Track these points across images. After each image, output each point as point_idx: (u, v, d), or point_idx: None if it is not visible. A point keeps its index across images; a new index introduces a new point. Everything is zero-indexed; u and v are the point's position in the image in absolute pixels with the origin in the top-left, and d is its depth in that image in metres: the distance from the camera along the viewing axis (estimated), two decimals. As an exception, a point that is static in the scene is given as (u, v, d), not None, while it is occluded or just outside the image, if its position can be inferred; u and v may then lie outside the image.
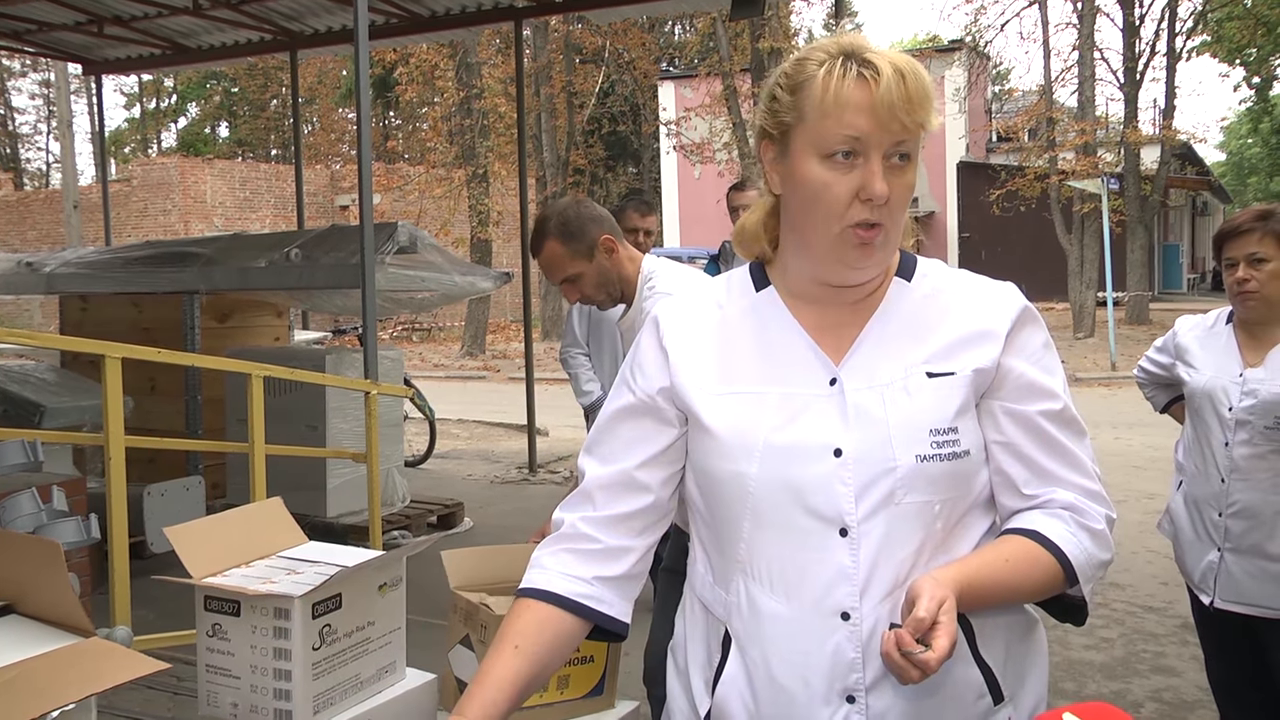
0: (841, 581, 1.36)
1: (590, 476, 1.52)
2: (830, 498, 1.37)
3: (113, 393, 3.65)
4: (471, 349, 20.78)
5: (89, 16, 9.22)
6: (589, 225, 2.88)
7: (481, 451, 10.56)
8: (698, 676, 1.51)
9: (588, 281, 2.92)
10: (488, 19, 9.48)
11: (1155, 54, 22.74)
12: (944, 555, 1.38)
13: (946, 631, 1.22)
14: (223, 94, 44.00)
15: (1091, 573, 1.39)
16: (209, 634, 1.63)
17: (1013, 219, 23.93)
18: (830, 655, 1.37)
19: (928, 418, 1.37)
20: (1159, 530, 3.20)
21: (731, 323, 1.50)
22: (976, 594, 1.32)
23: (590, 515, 1.49)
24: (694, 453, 1.48)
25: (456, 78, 20.66)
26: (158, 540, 4.36)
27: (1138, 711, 4.12)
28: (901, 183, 1.35)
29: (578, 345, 5.25)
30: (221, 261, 6.55)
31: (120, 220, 23.26)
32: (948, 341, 1.41)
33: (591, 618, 1.47)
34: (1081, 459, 1.43)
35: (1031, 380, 1.41)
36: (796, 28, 23.47)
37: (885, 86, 1.31)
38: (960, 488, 1.39)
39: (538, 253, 2.93)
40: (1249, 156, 53.72)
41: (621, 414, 1.52)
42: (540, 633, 1.43)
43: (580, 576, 1.47)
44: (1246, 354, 2.88)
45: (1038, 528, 1.39)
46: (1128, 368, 15.68)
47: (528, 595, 1.47)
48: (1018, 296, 1.45)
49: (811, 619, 1.38)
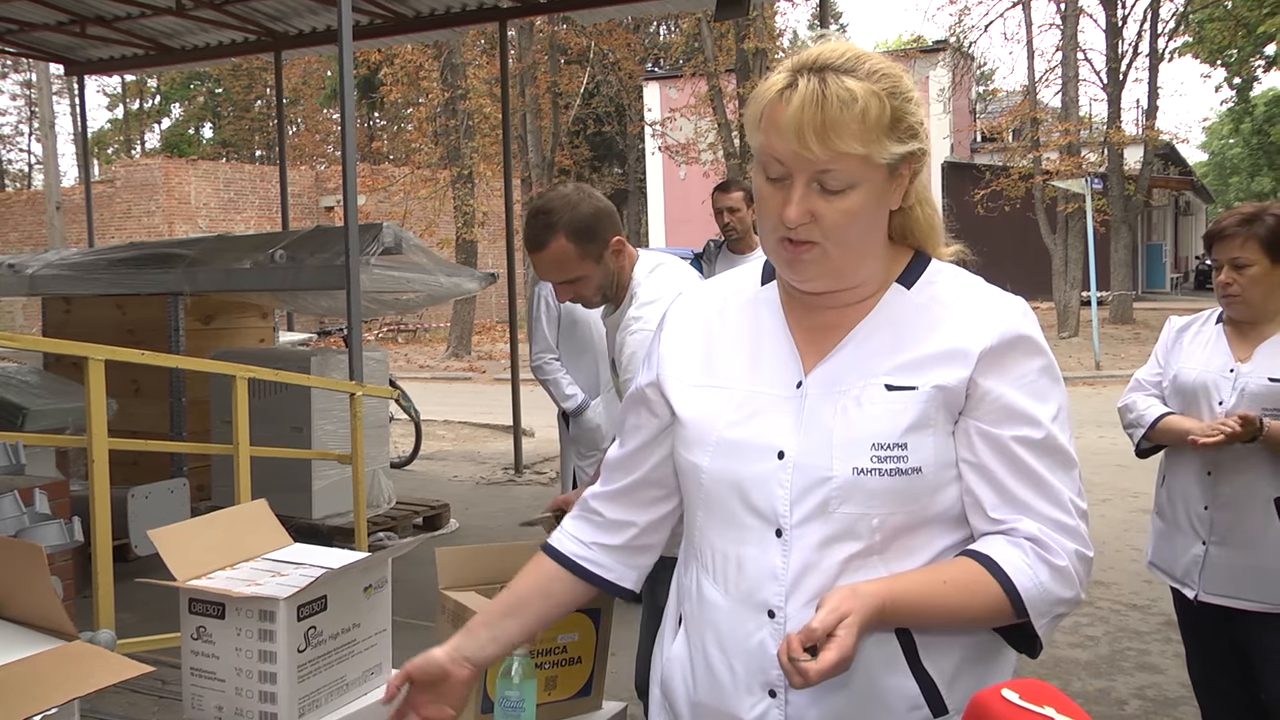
0: (770, 580, 1.39)
1: (607, 457, 1.65)
2: (768, 498, 1.39)
3: (96, 395, 3.63)
4: (457, 350, 20.74)
5: (71, 16, 9.17)
6: (604, 224, 2.62)
7: (467, 453, 10.54)
8: (666, 649, 1.59)
9: (590, 284, 2.67)
10: (472, 19, 9.47)
11: (1138, 55, 22.88)
12: (886, 566, 1.36)
13: (839, 645, 1.21)
14: (207, 95, 43.82)
15: (1045, 608, 1.34)
16: (193, 637, 1.62)
17: (997, 219, 23.97)
18: (756, 648, 1.40)
19: (872, 431, 1.35)
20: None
21: (730, 315, 1.53)
22: (902, 611, 1.31)
23: (599, 491, 1.63)
24: (673, 442, 1.54)
25: (441, 78, 20.61)
26: (142, 543, 4.33)
27: (1122, 709, 4.14)
28: (834, 208, 1.33)
29: (550, 351, 5.21)
30: (206, 263, 6.52)
31: (104, 221, 23.13)
32: (921, 355, 1.38)
33: (585, 577, 1.59)
34: (1058, 490, 1.37)
35: (1010, 404, 1.36)
36: (781, 28, 23.55)
37: (795, 107, 1.30)
38: (906, 504, 1.36)
39: (541, 248, 2.61)
40: (1231, 157, 54.08)
41: (629, 400, 1.63)
42: (534, 575, 1.60)
43: (583, 540, 1.61)
44: (1236, 350, 2.92)
45: (991, 553, 1.35)
46: (1112, 367, 15.78)
47: (542, 550, 1.64)
48: (1015, 317, 1.40)
49: (742, 611, 1.42)
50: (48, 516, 2.83)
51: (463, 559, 2.03)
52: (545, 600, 1.58)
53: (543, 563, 1.61)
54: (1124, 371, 15.27)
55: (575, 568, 1.59)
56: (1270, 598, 2.81)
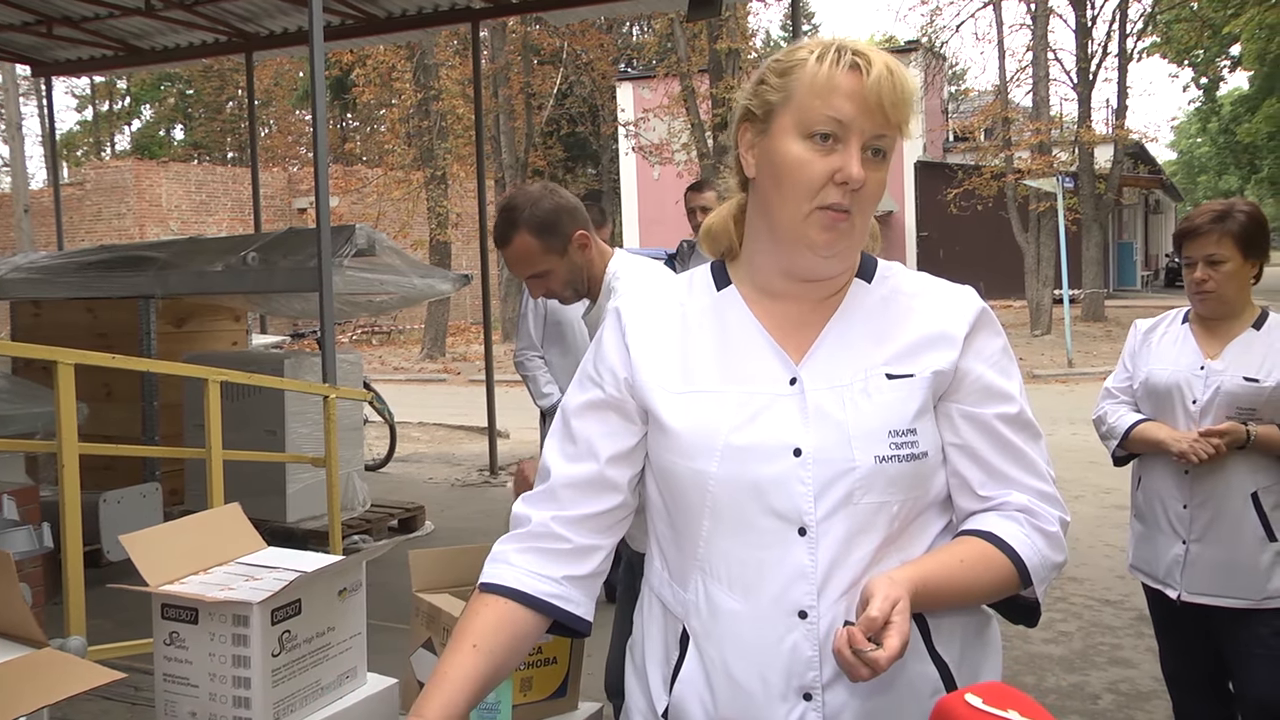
0: (799, 580, 1.37)
1: (557, 474, 1.51)
2: (789, 497, 1.37)
3: (65, 399, 3.59)
4: (431, 352, 20.67)
5: (37, 17, 9.07)
6: (564, 219, 2.73)
7: (442, 454, 10.51)
8: (655, 674, 1.51)
9: (556, 278, 2.79)
10: (444, 20, 9.44)
11: (1107, 55, 23.08)
12: (900, 555, 1.40)
13: (899, 631, 1.24)
14: (177, 96, 43.48)
15: (1045, 574, 1.42)
16: (166, 642, 1.61)
17: (970, 218, 24.16)
18: (788, 653, 1.38)
19: (887, 419, 1.38)
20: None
21: (692, 321, 1.50)
22: (931, 594, 1.34)
23: (561, 514, 1.48)
24: (653, 451, 1.48)
25: (414, 79, 20.56)
26: (114, 548, 4.30)
27: (1095, 703, 4.17)
28: (874, 177, 1.38)
29: (533, 348, 5.21)
30: (178, 265, 6.48)
31: (73, 224, 22.92)
32: (908, 343, 1.42)
33: (560, 617, 1.47)
34: (1036, 461, 1.45)
35: (989, 383, 1.43)
36: (754, 29, 23.64)
37: (875, 77, 1.35)
38: (918, 489, 1.40)
39: (506, 244, 2.76)
40: (1198, 155, 54.72)
41: (587, 409, 1.51)
42: (499, 631, 1.43)
43: (549, 576, 1.47)
44: (1205, 347, 2.93)
45: (992, 530, 1.41)
46: (1084, 364, 15.90)
47: (492, 591, 1.46)
48: (976, 300, 1.47)
49: (769, 617, 1.38)
50: (16, 523, 2.81)
51: (437, 561, 2.02)
52: (519, 655, 1.47)
53: (502, 609, 1.44)
54: (1096, 369, 15.40)
55: (550, 609, 1.46)
56: (1248, 593, 2.82)
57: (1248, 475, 2.83)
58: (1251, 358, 2.85)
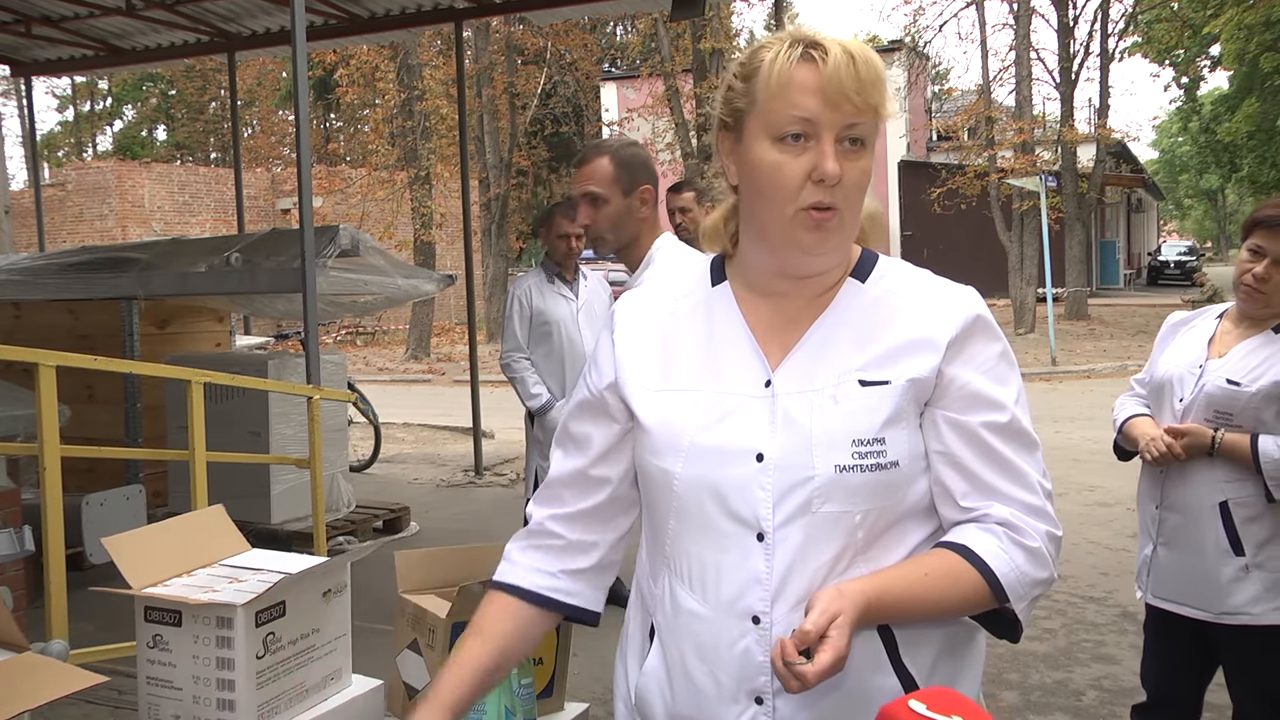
0: (754, 585, 1.37)
1: (554, 472, 1.57)
2: (749, 502, 1.37)
3: (47, 402, 3.57)
4: (416, 352, 20.62)
5: (15, 16, 9.01)
6: (641, 169, 2.94)
7: (427, 455, 10.49)
8: (633, 663, 1.54)
9: (608, 213, 2.92)
10: (427, 20, 9.43)
11: (1089, 54, 23.25)
12: (867, 564, 1.36)
13: (833, 646, 1.21)
14: (160, 96, 43.26)
15: (1024, 591, 1.36)
16: (150, 645, 1.60)
17: (953, 217, 24.24)
18: (740, 656, 1.38)
19: (852, 427, 1.35)
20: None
21: (682, 318, 1.50)
22: (888, 607, 1.31)
23: (556, 512, 1.55)
24: (635, 448, 1.50)
25: (397, 79, 20.49)
26: (97, 551, 4.27)
27: (1079, 699, 4.19)
28: (855, 167, 1.34)
29: (520, 350, 5.20)
30: (160, 266, 6.45)
31: (55, 226, 22.78)
32: (888, 348, 1.38)
33: (558, 609, 1.53)
34: (1026, 473, 1.39)
35: (977, 390, 1.38)
36: (738, 28, 23.65)
37: (833, 66, 1.30)
38: (886, 498, 1.36)
39: (586, 162, 2.95)
40: (1180, 154, 55.03)
41: (578, 409, 1.56)
42: (503, 621, 1.50)
43: (546, 570, 1.53)
44: (1218, 346, 2.79)
45: (967, 542, 1.36)
46: (1068, 362, 15.98)
47: (497, 588, 1.54)
48: (972, 304, 1.42)
49: (724, 619, 1.39)
50: (-2, 526, 2.78)
51: (422, 562, 2.01)
52: (524, 644, 1.53)
53: (505, 603, 1.52)
54: (1080, 367, 15.49)
55: (548, 603, 1.52)
56: (1207, 605, 2.74)
57: (1218, 485, 2.71)
58: (1250, 361, 2.71)
